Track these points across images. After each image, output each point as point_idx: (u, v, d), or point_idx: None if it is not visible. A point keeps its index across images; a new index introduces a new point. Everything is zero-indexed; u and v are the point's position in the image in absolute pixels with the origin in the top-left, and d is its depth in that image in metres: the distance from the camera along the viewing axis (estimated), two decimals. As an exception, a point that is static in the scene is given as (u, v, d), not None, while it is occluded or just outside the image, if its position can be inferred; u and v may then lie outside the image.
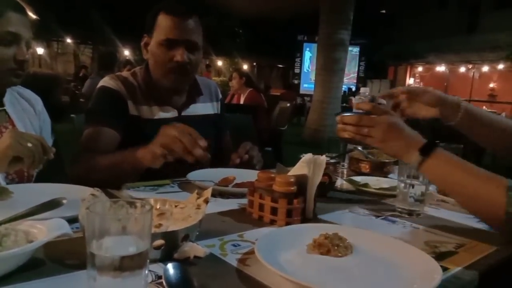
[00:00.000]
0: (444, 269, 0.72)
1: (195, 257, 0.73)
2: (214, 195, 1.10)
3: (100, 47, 14.32)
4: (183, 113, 1.55)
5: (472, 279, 0.73)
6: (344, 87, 10.42)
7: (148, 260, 0.55)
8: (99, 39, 14.21)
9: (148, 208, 0.55)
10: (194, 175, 1.29)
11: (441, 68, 16.94)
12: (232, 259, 0.74)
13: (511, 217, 0.80)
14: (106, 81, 1.49)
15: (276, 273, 0.64)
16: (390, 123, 0.98)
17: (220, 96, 1.76)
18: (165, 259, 0.70)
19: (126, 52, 14.56)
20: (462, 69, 16.43)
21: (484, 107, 12.95)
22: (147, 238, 0.54)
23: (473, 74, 16.06)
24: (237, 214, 1.01)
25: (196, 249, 0.74)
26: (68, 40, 15.75)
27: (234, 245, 0.81)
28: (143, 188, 1.21)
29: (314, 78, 9.17)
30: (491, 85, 16.02)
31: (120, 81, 1.48)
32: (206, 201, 0.84)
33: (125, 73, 1.55)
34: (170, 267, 0.61)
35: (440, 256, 0.80)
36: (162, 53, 1.43)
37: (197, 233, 0.80)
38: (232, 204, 1.09)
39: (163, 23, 1.42)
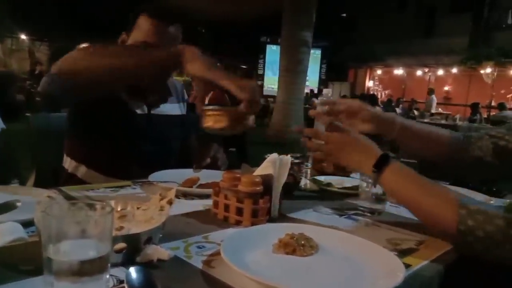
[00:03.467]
0: (406, 266, 0.74)
1: (159, 260, 0.71)
2: (178, 196, 1.08)
3: (57, 44, 13.82)
4: (152, 112, 1.53)
5: (433, 275, 0.75)
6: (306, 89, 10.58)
7: (109, 264, 0.53)
8: (56, 36, 13.70)
9: (109, 210, 0.53)
10: (157, 176, 1.26)
11: (399, 71, 17.52)
12: (197, 261, 0.73)
13: (462, 234, 0.83)
14: None
15: (241, 274, 0.63)
16: (341, 141, 1.03)
17: (186, 96, 1.75)
18: (127, 262, 0.68)
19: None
20: (419, 72, 17.07)
21: (439, 109, 13.54)
22: (108, 241, 0.52)
23: (429, 77, 16.71)
24: (202, 215, 0.99)
25: (159, 252, 0.72)
26: (23, 37, 15.11)
27: (199, 247, 0.79)
28: (103, 189, 1.17)
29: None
30: (446, 88, 16.74)
31: None
32: (170, 203, 0.82)
33: None
34: (133, 271, 0.59)
35: (402, 253, 0.82)
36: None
37: (161, 236, 0.78)
38: (196, 205, 1.07)
39: (144, 26, 1.40)
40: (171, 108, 1.61)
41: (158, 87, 1.54)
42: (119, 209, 0.84)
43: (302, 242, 0.78)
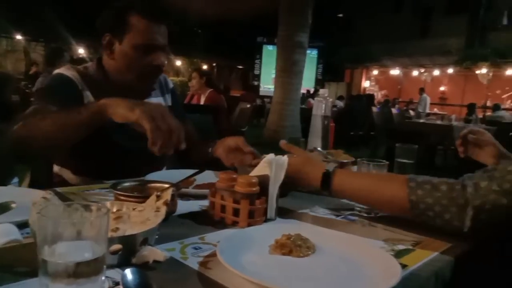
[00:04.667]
0: (403, 266, 0.74)
1: (155, 261, 0.71)
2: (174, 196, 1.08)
3: (52, 44, 13.78)
4: None
5: (429, 275, 0.76)
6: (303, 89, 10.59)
7: (104, 266, 0.52)
8: (52, 36, 13.63)
9: (104, 211, 0.52)
10: (153, 177, 1.25)
11: (395, 71, 17.57)
12: (193, 263, 0.72)
13: (414, 203, 0.91)
14: (62, 70, 1.44)
15: (238, 274, 0.63)
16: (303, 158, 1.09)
17: (171, 85, 1.71)
18: (122, 264, 0.67)
19: (81, 50, 14.08)
20: (415, 73, 17.11)
21: (435, 109, 13.59)
22: (104, 243, 0.52)
23: (425, 77, 16.75)
24: (198, 216, 0.99)
25: (155, 253, 0.72)
26: (19, 37, 15.03)
27: (195, 248, 0.79)
28: (98, 190, 1.17)
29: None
30: (442, 88, 16.80)
31: (77, 72, 1.43)
32: (166, 204, 0.81)
33: (78, 66, 1.50)
34: (128, 272, 0.59)
35: (398, 254, 0.82)
36: (139, 57, 1.39)
37: (157, 237, 0.78)
38: (193, 206, 1.07)
39: (140, 27, 1.37)
40: (156, 102, 1.59)
41: (144, 85, 1.52)
42: (114, 210, 0.83)
43: (299, 242, 0.78)
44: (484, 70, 13.71)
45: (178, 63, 17.95)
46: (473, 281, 0.93)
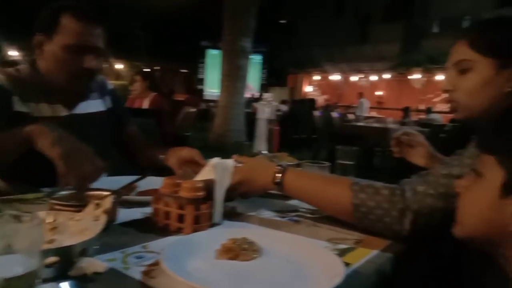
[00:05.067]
0: (346, 264, 0.76)
1: (94, 273, 0.67)
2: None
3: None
4: (73, 112, 1.45)
5: (371, 272, 0.78)
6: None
7: (38, 280, 0.49)
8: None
9: (37, 222, 0.49)
10: (92, 184, 1.20)
11: (335, 77, 18.17)
12: (135, 272, 0.70)
13: (357, 207, 0.95)
14: None
15: (183, 282, 0.62)
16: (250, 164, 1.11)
17: (110, 86, 1.65)
18: (59, 277, 0.64)
19: (13, 53, 13.23)
20: (354, 78, 17.80)
21: (373, 113, 14.20)
22: (37, 256, 0.49)
23: (364, 82, 17.47)
24: (141, 224, 0.96)
25: (95, 264, 0.68)
26: None
27: (137, 257, 0.76)
28: (34, 199, 1.09)
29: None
30: (379, 92, 17.60)
31: (4, 75, 1.35)
32: (106, 212, 0.78)
33: (8, 69, 1.40)
34: (65, 285, 0.56)
35: (341, 253, 0.85)
36: (69, 58, 1.34)
37: (96, 247, 0.74)
38: (135, 213, 1.03)
39: (71, 28, 1.32)
40: (94, 105, 1.53)
41: (76, 87, 1.46)
42: (50, 221, 0.79)
43: (245, 246, 0.78)
44: (417, 75, 14.54)
45: (119, 66, 17.38)
46: (412, 277, 0.98)
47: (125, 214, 1.00)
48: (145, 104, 4.55)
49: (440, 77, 12.94)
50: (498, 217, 0.66)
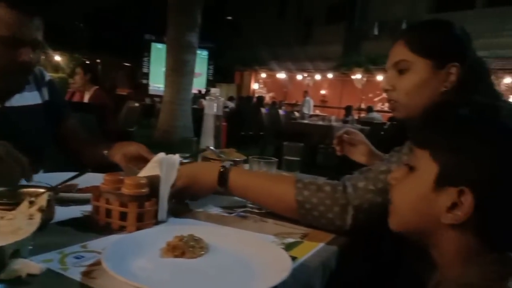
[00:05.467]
0: (293, 258, 0.77)
1: (29, 275, 0.63)
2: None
3: None
4: (7, 104, 1.35)
5: (317, 266, 0.79)
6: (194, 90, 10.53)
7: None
8: None
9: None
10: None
11: (281, 75, 18.43)
12: (75, 273, 0.66)
13: (300, 203, 0.96)
14: None
15: (126, 282, 0.59)
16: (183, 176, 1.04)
17: (48, 77, 1.55)
18: (-12, 282, 0.59)
19: None
20: (299, 77, 18.15)
21: (317, 111, 14.59)
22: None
23: (308, 81, 17.87)
24: (80, 223, 0.91)
25: (29, 265, 0.64)
26: None
27: (76, 257, 0.72)
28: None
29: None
30: (323, 91, 18.09)
31: None
32: (41, 210, 0.73)
33: None
34: (-6, 291, 0.51)
35: (288, 247, 0.85)
36: (3, 51, 1.23)
37: (31, 248, 0.69)
38: (74, 212, 0.97)
39: (6, 18, 1.21)
40: (30, 97, 1.43)
41: (10, 83, 1.36)
42: (-23, 221, 0.72)
43: (192, 243, 0.76)
44: (358, 76, 15.09)
45: (58, 58, 16.49)
46: (355, 269, 1.00)
47: (63, 213, 0.94)
48: (86, 98, 4.36)
49: (380, 77, 13.52)
50: (431, 209, 0.68)
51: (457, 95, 0.99)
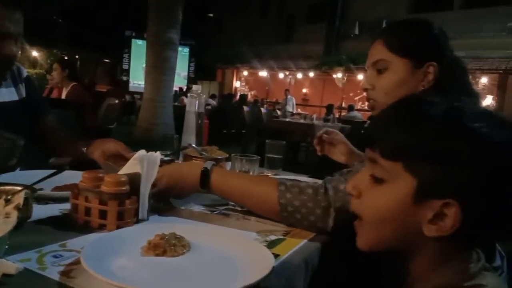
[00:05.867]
0: (275, 256, 0.77)
1: (5, 275, 0.61)
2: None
3: None
4: None
5: (300, 262, 0.80)
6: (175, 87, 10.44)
7: None
8: None
9: None
10: (3, 178, 1.09)
11: (263, 73, 18.44)
12: (53, 273, 0.64)
13: (283, 206, 0.96)
14: None
15: (106, 281, 0.58)
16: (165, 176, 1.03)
17: (25, 74, 1.51)
18: (-39, 283, 0.57)
19: None
20: (281, 75, 18.21)
21: (299, 109, 14.66)
22: None
23: (290, 80, 17.95)
24: (59, 221, 0.89)
25: (5, 265, 0.62)
26: None
27: (55, 257, 0.70)
28: None
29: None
30: (304, 90, 18.19)
31: None
32: (17, 208, 0.71)
33: None
34: (-32, 292, 0.49)
35: (271, 244, 0.85)
36: None
37: (6, 247, 0.67)
38: (52, 210, 0.95)
39: None
40: (7, 94, 1.40)
41: None
42: (-50, 220, 0.70)
43: (173, 242, 0.75)
44: (339, 75, 15.20)
45: (35, 53, 16.11)
46: (338, 265, 1.01)
47: (41, 211, 0.92)
48: (64, 95, 4.27)
49: (360, 76, 13.65)
50: (410, 222, 0.62)
51: (434, 94, 1.01)
